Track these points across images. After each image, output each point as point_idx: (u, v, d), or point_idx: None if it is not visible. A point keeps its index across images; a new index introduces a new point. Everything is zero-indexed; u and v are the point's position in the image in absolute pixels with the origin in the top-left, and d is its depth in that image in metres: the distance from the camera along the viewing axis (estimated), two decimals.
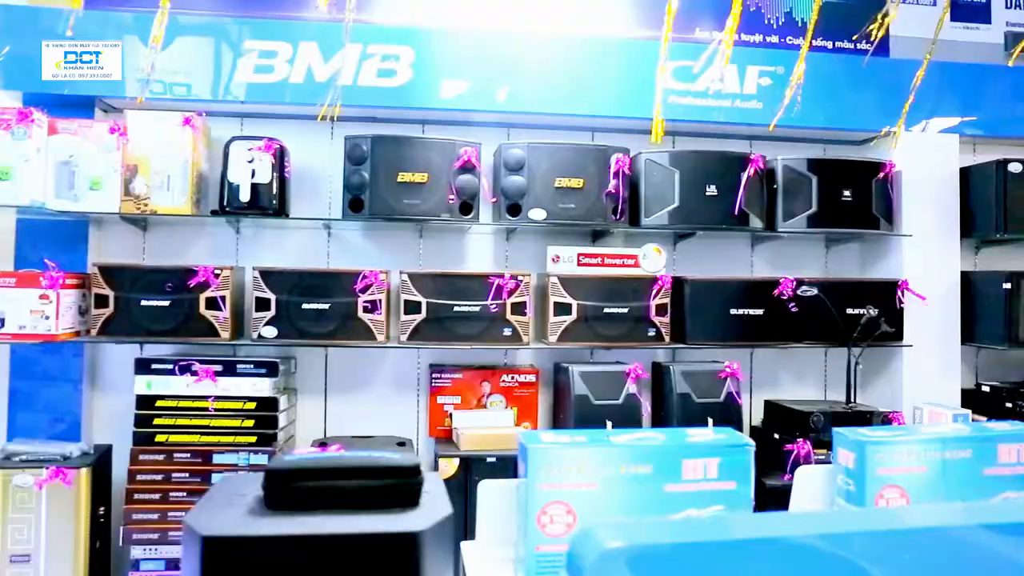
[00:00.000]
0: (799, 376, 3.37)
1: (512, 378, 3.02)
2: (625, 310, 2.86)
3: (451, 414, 2.94)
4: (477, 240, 3.16)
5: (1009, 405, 3.08)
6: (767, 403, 3.19)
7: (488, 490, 1.42)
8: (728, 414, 2.82)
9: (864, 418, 2.91)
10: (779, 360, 3.35)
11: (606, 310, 2.84)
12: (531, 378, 3.03)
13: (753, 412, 3.30)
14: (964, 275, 3.22)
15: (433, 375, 2.99)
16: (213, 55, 2.82)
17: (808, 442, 2.82)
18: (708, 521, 0.95)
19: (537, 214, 2.83)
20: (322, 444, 2.85)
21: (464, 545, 1.43)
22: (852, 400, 3.00)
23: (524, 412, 3.02)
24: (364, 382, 3.08)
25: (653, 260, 2.97)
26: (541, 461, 1.27)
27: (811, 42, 3.03)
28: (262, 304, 2.71)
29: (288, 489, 1.21)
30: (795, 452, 2.81)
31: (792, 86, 2.89)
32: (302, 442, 2.98)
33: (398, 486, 1.23)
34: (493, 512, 1.40)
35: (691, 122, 3.10)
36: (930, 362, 3.16)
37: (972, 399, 3.24)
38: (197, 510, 1.20)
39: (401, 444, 2.85)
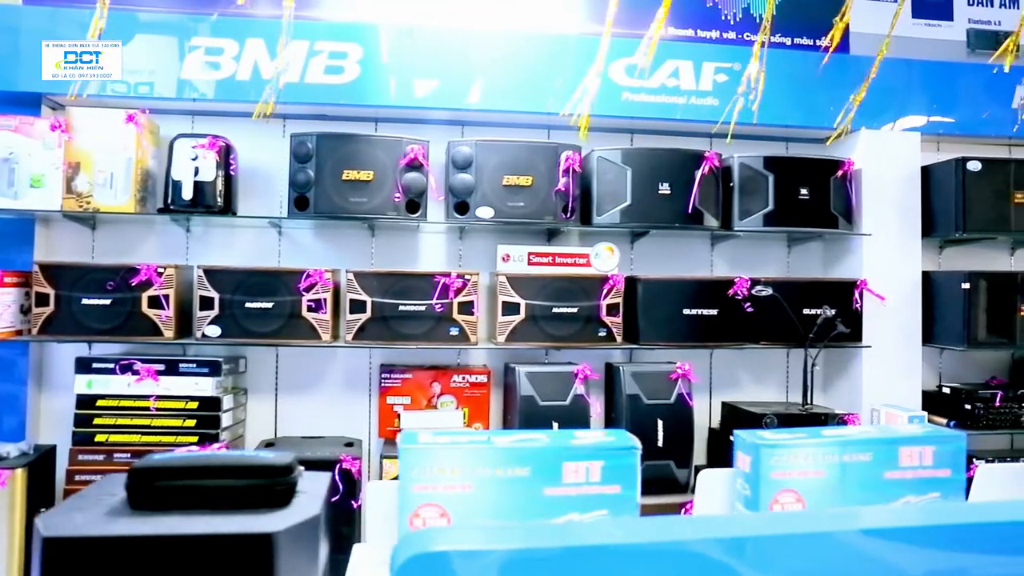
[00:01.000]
0: (760, 377, 3.32)
1: (463, 378, 2.99)
2: (575, 310, 2.82)
3: (400, 415, 2.91)
4: (430, 239, 3.13)
5: (968, 407, 3.03)
6: (724, 405, 3.15)
7: (376, 491, 1.38)
8: (679, 415, 2.78)
9: (819, 420, 2.86)
10: (740, 361, 3.30)
11: (555, 310, 2.81)
12: (482, 378, 2.99)
13: (713, 414, 3.26)
14: (925, 275, 3.17)
15: (383, 375, 2.96)
16: (161, 52, 2.80)
17: None
18: (549, 528, 0.92)
19: (485, 212, 2.79)
20: (268, 444, 2.83)
21: (356, 547, 1.40)
22: (809, 402, 2.96)
23: (476, 413, 2.99)
24: (315, 382, 3.05)
25: (605, 259, 2.93)
26: (414, 462, 1.24)
27: (769, 38, 3.01)
28: (206, 303, 2.69)
29: (150, 489, 1.18)
30: None
31: (744, 83, 2.87)
32: (252, 442, 2.96)
33: (265, 486, 1.21)
34: (382, 514, 1.37)
35: (649, 119, 3.06)
36: (890, 363, 3.11)
37: (933, 400, 3.19)
38: (55, 510, 1.18)
39: (349, 445, 2.82)
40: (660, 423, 2.75)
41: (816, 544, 0.94)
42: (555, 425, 2.69)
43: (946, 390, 3.18)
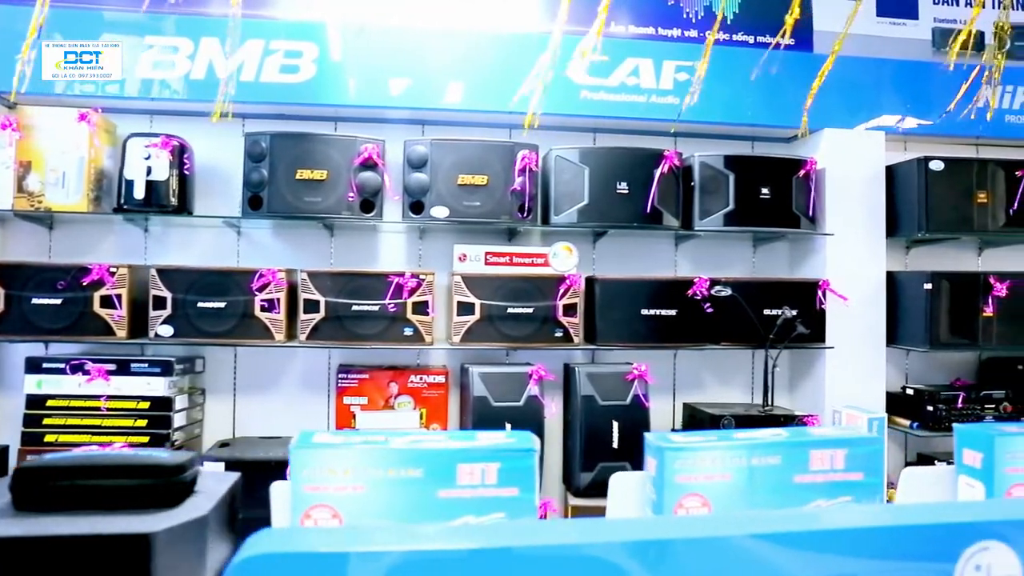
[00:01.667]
0: (725, 379, 3.30)
1: (421, 379, 2.97)
2: (530, 310, 2.80)
3: (355, 415, 2.89)
4: (389, 239, 3.11)
5: (930, 408, 3.00)
6: (685, 406, 3.13)
7: (279, 491, 1.36)
8: (635, 417, 2.76)
9: (778, 421, 2.84)
10: (705, 362, 3.28)
11: (510, 310, 2.79)
12: (440, 379, 2.98)
13: (677, 415, 3.24)
14: (890, 275, 3.14)
15: (339, 375, 2.95)
16: (119, 51, 2.78)
17: None
18: (403, 530, 0.89)
19: (439, 212, 2.78)
20: (223, 444, 2.81)
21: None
22: (769, 403, 2.94)
23: (434, 414, 2.97)
24: (274, 382, 3.04)
25: (564, 259, 2.91)
26: (304, 463, 1.22)
27: (731, 36, 2.99)
28: (158, 303, 2.68)
29: (34, 489, 1.17)
30: None
31: (696, 80, 2.84)
32: (209, 442, 2.94)
33: (154, 486, 1.19)
34: (286, 514, 1.35)
35: (609, 118, 3.04)
36: (854, 364, 3.08)
37: (898, 402, 3.16)
38: None
39: None
40: (615, 424, 2.73)
41: (706, 548, 0.92)
42: (508, 426, 2.67)
43: (909, 391, 3.15)
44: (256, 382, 3.02)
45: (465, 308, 2.79)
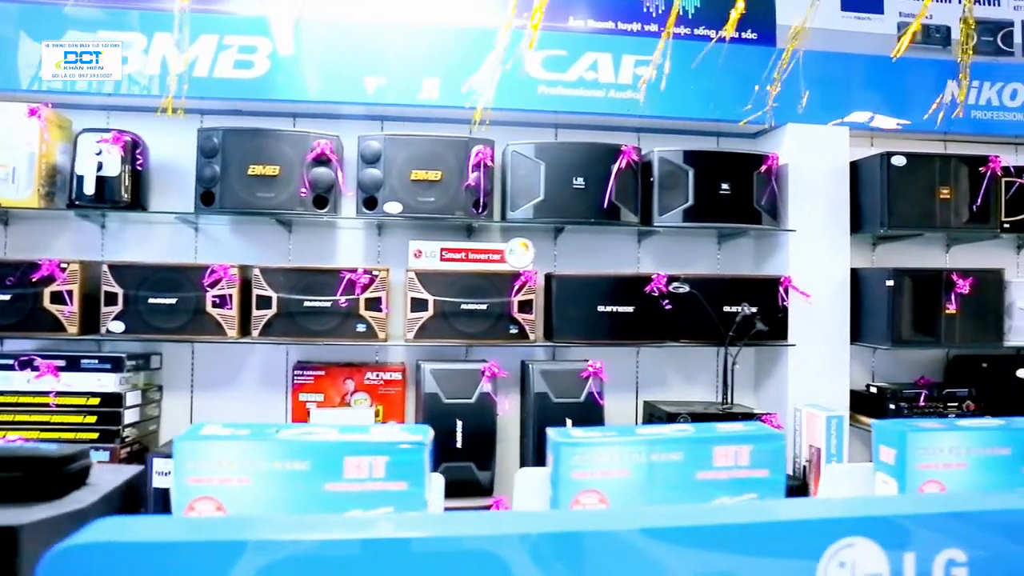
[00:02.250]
0: (690, 376, 3.27)
1: (377, 376, 2.95)
2: (484, 307, 2.78)
3: (310, 412, 2.87)
4: (348, 235, 3.09)
5: (892, 406, 2.96)
6: (646, 404, 3.10)
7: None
8: (589, 414, 2.73)
9: (736, 419, 2.81)
10: (669, 360, 3.25)
11: (463, 306, 2.77)
12: (396, 376, 2.96)
13: (640, 413, 3.21)
14: (854, 272, 3.11)
15: (295, 372, 2.93)
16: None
17: None
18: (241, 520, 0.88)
19: (393, 207, 2.76)
20: None
21: None
22: (728, 401, 2.91)
23: (390, 411, 2.95)
24: (232, 379, 3.02)
25: (520, 255, 2.89)
26: (189, 455, 1.20)
27: (692, 31, 2.96)
28: (110, 299, 2.66)
29: None
30: None
31: (651, 73, 2.82)
32: (165, 438, 2.93)
33: (32, 478, 1.18)
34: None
35: (568, 113, 3.02)
36: (817, 362, 3.05)
37: (862, 400, 3.12)
38: None
39: None
40: (569, 422, 2.70)
41: (591, 542, 0.90)
42: (459, 423, 2.66)
43: (873, 389, 3.11)
44: (214, 379, 3.01)
45: (418, 304, 2.77)
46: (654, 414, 2.94)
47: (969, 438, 1.42)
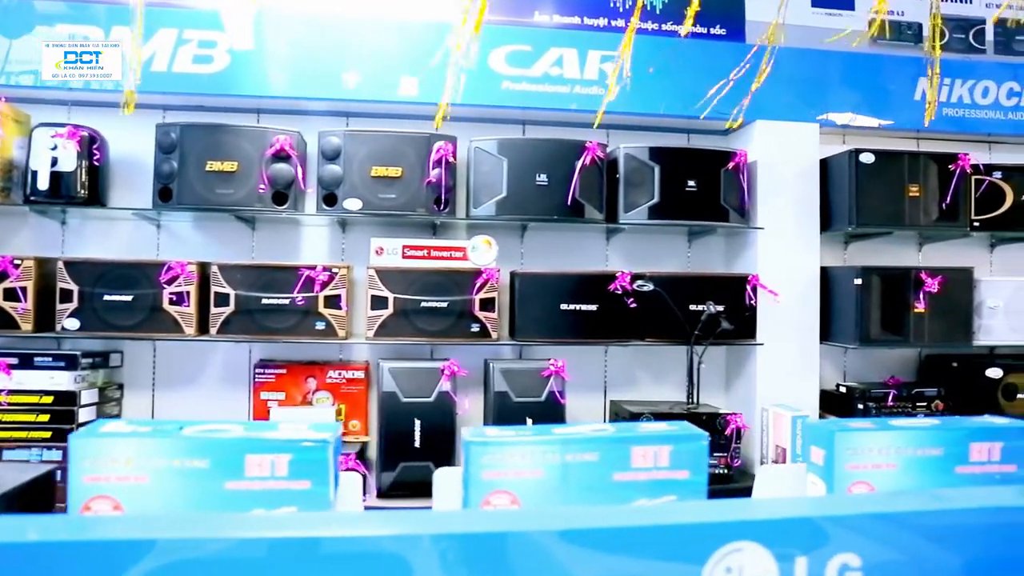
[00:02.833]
0: (660, 376, 3.23)
1: (339, 374, 2.92)
2: (445, 304, 2.75)
3: (270, 410, 2.85)
4: (312, 233, 3.07)
5: (861, 406, 2.93)
6: (612, 404, 3.06)
7: None
8: (550, 413, 2.70)
9: (700, 419, 2.77)
10: (637, 359, 3.22)
11: (424, 304, 2.74)
12: (359, 374, 2.93)
13: (607, 413, 3.18)
14: (824, 271, 3.07)
15: (256, 370, 2.90)
16: (35, 42, 2.75)
17: None
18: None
19: (352, 204, 2.73)
20: None
21: None
22: (694, 400, 2.87)
23: (353, 410, 2.92)
24: (194, 377, 3.00)
25: (482, 253, 2.86)
26: (84, 453, 1.17)
27: (660, 27, 2.93)
28: (65, 295, 2.64)
29: None
30: None
31: (615, 70, 2.80)
32: None
33: None
34: None
35: (533, 109, 2.98)
36: (786, 361, 3.01)
37: (832, 400, 3.09)
38: None
39: None
40: (529, 421, 2.67)
41: (490, 544, 0.88)
42: (417, 422, 2.63)
43: (843, 389, 3.08)
44: (176, 377, 2.98)
45: (378, 302, 2.74)
46: (619, 414, 2.91)
47: (900, 438, 1.38)
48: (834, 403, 3.08)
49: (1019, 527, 1.00)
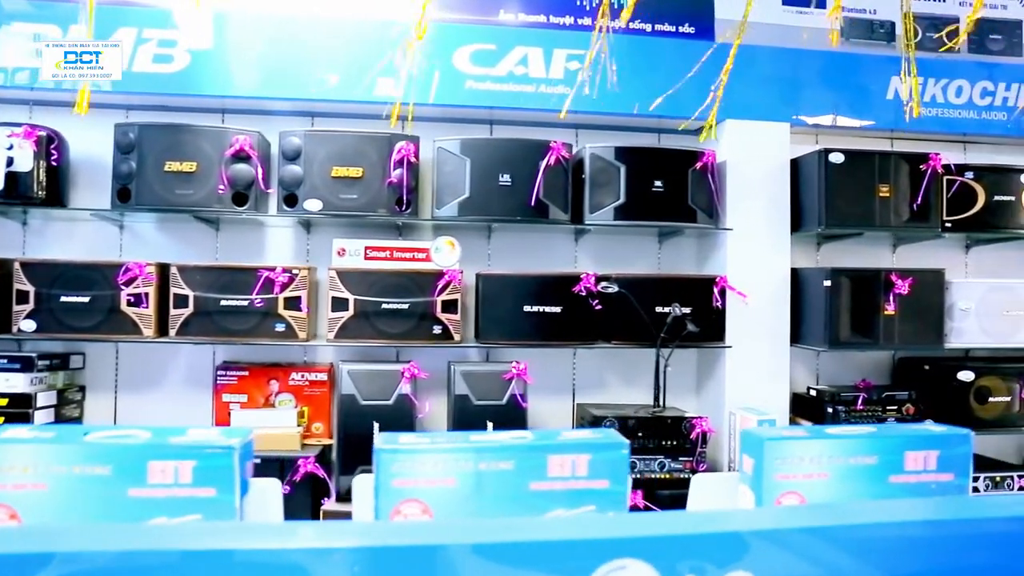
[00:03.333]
0: (629, 379, 3.19)
1: (302, 376, 2.89)
2: (406, 306, 2.71)
3: (230, 413, 2.82)
4: (276, 234, 3.04)
5: (830, 410, 2.89)
6: (578, 407, 3.03)
7: None
8: (511, 416, 2.67)
9: (665, 423, 2.74)
10: (607, 362, 3.18)
11: (385, 306, 2.71)
12: (322, 376, 2.90)
13: (575, 416, 3.14)
14: (794, 272, 3.03)
15: (218, 372, 2.88)
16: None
17: None
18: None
19: (313, 205, 2.70)
20: None
21: None
22: (660, 403, 2.84)
23: (316, 412, 2.89)
24: (157, 379, 2.97)
25: (446, 254, 2.82)
26: None
27: (628, 25, 2.90)
28: (21, 297, 2.61)
29: None
30: None
31: (586, 69, 2.76)
32: None
33: None
34: None
35: (497, 108, 2.95)
36: (757, 364, 2.98)
37: (803, 403, 3.05)
38: None
39: None
40: (490, 425, 2.63)
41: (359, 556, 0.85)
42: (376, 426, 2.60)
43: (813, 392, 3.04)
44: (139, 379, 2.96)
45: (339, 304, 2.71)
46: (584, 417, 2.88)
47: (832, 447, 1.34)
48: (805, 406, 3.05)
49: (926, 541, 0.97)
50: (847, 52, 3.10)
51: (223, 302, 2.65)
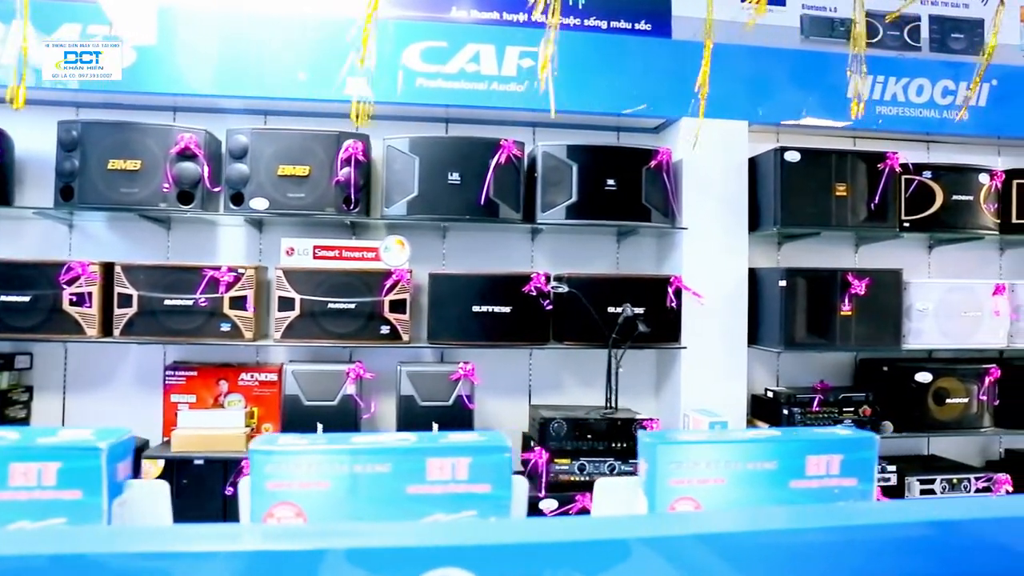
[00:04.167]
0: (586, 380, 3.15)
1: (252, 377, 2.87)
2: (352, 306, 2.69)
3: (178, 413, 2.79)
4: (228, 233, 3.01)
5: (785, 411, 2.85)
6: (531, 408, 3.00)
7: None
8: (458, 418, 2.64)
9: (616, 424, 2.71)
10: (565, 362, 3.15)
11: (331, 306, 2.68)
12: (272, 377, 2.87)
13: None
14: (753, 272, 2.99)
15: (167, 372, 2.85)
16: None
17: (546, 451, 2.63)
18: None
19: (259, 203, 2.67)
20: None
21: None
22: (612, 405, 2.80)
23: (267, 413, 2.87)
24: (107, 379, 2.95)
25: (396, 254, 2.79)
26: None
27: (583, 22, 2.87)
28: None
29: None
30: (531, 461, 2.63)
31: (543, 67, 2.72)
32: None
33: None
34: None
35: (459, 107, 2.92)
36: (714, 365, 2.94)
37: (762, 405, 3.02)
38: None
39: None
40: (435, 426, 2.60)
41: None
42: (319, 427, 2.57)
43: (770, 394, 3.00)
44: (88, 380, 2.93)
45: (286, 303, 2.68)
46: (536, 418, 2.84)
47: (730, 451, 1.31)
48: (764, 408, 3.01)
49: (817, 548, 0.94)
50: (808, 50, 3.06)
51: (168, 301, 2.63)
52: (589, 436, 2.67)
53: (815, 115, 3.05)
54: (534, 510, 2.49)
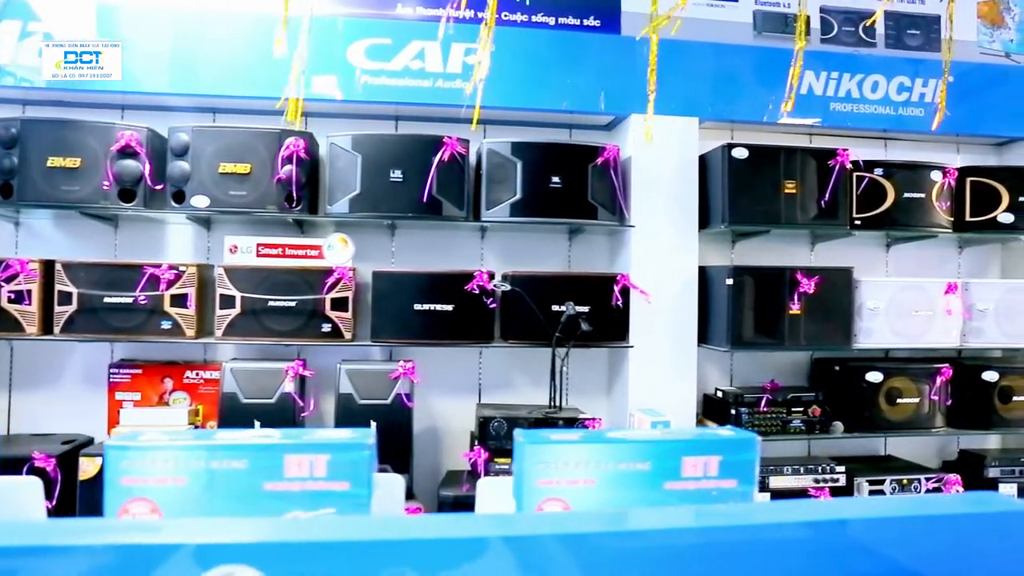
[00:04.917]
0: (536, 379, 3.11)
1: (197, 375, 2.86)
2: (293, 304, 2.67)
3: (120, 411, 2.79)
4: (177, 231, 3.00)
5: (733, 412, 2.82)
6: (478, 407, 2.98)
7: None
8: (396, 416, 2.62)
9: (557, 424, 2.69)
10: (515, 361, 3.13)
11: (271, 303, 2.67)
12: (216, 375, 2.86)
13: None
14: (703, 271, 2.96)
15: (111, 370, 2.85)
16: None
17: (484, 450, 2.61)
18: None
19: (200, 201, 2.66)
20: None
21: None
22: (556, 404, 2.78)
23: (212, 411, 2.86)
24: (53, 378, 2.94)
25: (339, 252, 2.78)
26: None
27: (530, 18, 2.85)
28: None
29: None
30: (471, 460, 2.61)
31: (480, 63, 2.70)
32: None
33: None
34: None
35: (408, 104, 2.90)
36: (663, 364, 2.91)
37: (713, 404, 2.99)
38: None
39: (68, 443, 2.71)
40: (373, 425, 2.58)
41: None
42: (256, 424, 2.55)
43: (720, 393, 2.97)
44: (34, 377, 2.93)
45: (227, 301, 2.67)
46: (479, 417, 2.82)
47: (601, 452, 1.29)
48: (714, 408, 2.98)
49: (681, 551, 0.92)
50: (761, 46, 3.03)
51: (108, 299, 2.63)
52: None
53: (769, 112, 3.02)
54: (472, 509, 2.47)
